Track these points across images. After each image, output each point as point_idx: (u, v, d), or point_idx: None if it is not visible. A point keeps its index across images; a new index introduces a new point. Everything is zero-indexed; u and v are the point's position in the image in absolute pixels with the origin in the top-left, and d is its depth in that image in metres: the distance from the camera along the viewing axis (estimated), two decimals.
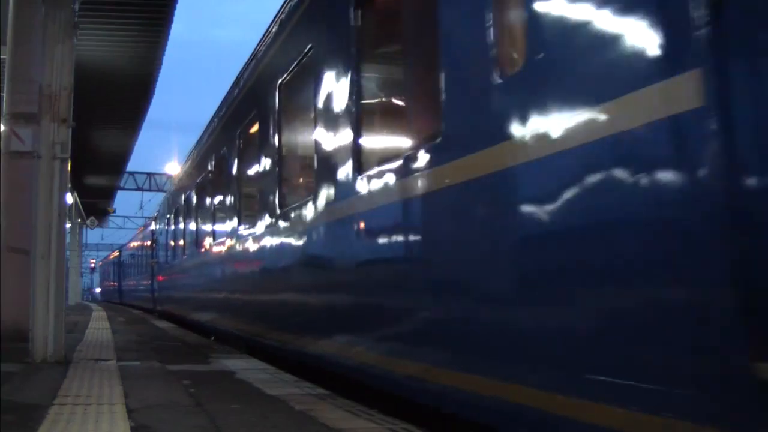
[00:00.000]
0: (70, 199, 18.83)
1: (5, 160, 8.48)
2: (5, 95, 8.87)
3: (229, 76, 11.66)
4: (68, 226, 21.44)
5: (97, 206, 38.16)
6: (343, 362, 5.67)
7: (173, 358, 8.11)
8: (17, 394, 5.20)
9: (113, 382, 5.87)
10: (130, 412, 4.46)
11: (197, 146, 14.32)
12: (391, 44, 5.86)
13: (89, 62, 14.41)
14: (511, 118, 3.41)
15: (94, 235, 53.19)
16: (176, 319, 16.75)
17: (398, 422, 4.19)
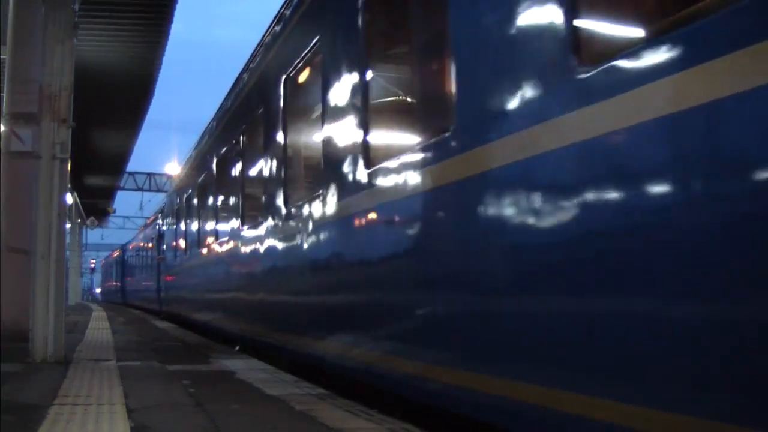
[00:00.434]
0: (70, 199, 18.79)
1: (5, 160, 8.47)
2: (5, 95, 8.85)
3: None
4: (68, 226, 21.35)
5: (97, 206, 38.15)
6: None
7: (173, 358, 8.11)
8: (17, 394, 5.20)
9: (113, 382, 5.87)
10: (130, 412, 4.46)
11: (217, 125, 12.07)
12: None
13: (89, 62, 14.38)
14: None
15: (94, 235, 53.13)
16: (186, 322, 14.89)
17: (398, 422, 4.19)
